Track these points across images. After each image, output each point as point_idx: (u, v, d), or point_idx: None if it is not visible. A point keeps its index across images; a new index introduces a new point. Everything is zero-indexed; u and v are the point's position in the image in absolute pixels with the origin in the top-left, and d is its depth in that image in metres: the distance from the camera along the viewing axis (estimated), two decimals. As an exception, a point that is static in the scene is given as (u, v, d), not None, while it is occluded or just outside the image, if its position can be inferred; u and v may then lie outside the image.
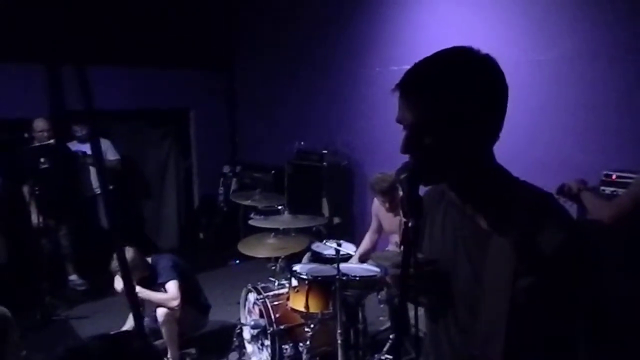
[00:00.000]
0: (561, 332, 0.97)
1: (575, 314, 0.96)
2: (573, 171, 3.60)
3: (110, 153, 5.27)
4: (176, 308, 3.45)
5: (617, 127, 3.56)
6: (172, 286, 3.48)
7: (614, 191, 3.25)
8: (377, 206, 3.80)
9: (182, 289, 3.52)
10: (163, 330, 3.47)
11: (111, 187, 5.20)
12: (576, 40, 3.73)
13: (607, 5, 3.57)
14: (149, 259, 3.67)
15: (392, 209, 3.63)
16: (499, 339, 0.96)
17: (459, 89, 0.96)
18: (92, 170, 5.08)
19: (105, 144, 5.23)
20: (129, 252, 3.46)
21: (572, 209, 2.94)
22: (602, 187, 3.31)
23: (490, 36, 3.90)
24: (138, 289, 3.38)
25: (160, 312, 3.47)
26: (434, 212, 1.17)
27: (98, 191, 5.08)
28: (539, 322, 0.97)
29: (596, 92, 3.64)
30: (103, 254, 3.24)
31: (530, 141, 3.79)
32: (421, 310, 1.12)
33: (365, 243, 3.88)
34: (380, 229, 3.87)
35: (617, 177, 3.27)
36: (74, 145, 5.06)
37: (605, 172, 3.31)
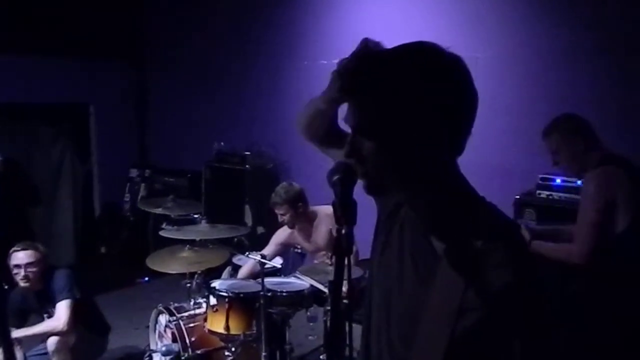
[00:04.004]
0: None
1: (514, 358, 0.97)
2: (509, 174, 3.82)
3: (-12, 153, 4.94)
4: (64, 330, 3.29)
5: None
6: (61, 307, 3.33)
7: (550, 195, 3.47)
8: (288, 233, 3.82)
9: (76, 310, 3.37)
10: None
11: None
12: (515, 38, 3.96)
13: (547, 4, 3.83)
14: None
15: (300, 228, 3.70)
16: None
17: (420, 90, 0.95)
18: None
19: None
20: (34, 250, 3.32)
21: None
22: (539, 191, 3.52)
23: (426, 29, 4.04)
24: (15, 332, 3.24)
25: (51, 342, 3.29)
26: (391, 221, 1.16)
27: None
28: None
29: (533, 93, 3.89)
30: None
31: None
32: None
33: (251, 264, 3.71)
34: (277, 254, 3.84)
35: (554, 180, 3.49)
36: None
37: (541, 176, 3.53)
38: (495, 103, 3.98)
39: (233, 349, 3.14)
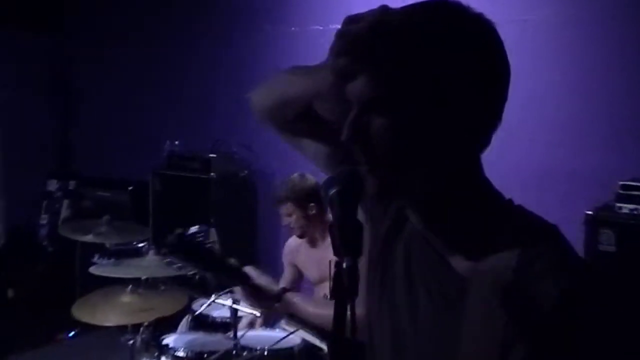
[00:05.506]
0: None
1: None
2: (576, 182, 3.80)
3: None
4: None
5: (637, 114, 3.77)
6: None
7: (635, 209, 3.43)
8: (294, 246, 3.80)
9: None
10: None
11: None
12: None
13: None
14: None
15: (309, 241, 3.71)
16: None
17: (435, 55, 1.00)
18: None
19: None
20: None
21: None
22: (619, 204, 3.48)
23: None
24: None
25: None
26: (391, 243, 1.21)
27: None
28: None
29: (604, 65, 3.86)
30: None
31: (510, 134, 3.93)
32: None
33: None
34: (298, 281, 3.86)
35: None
36: None
37: (622, 183, 3.50)
38: (552, 82, 3.96)
39: None
